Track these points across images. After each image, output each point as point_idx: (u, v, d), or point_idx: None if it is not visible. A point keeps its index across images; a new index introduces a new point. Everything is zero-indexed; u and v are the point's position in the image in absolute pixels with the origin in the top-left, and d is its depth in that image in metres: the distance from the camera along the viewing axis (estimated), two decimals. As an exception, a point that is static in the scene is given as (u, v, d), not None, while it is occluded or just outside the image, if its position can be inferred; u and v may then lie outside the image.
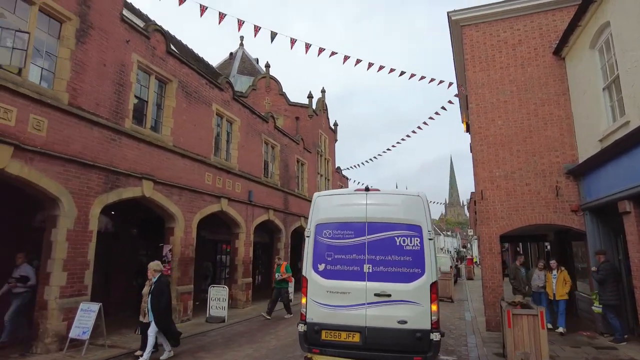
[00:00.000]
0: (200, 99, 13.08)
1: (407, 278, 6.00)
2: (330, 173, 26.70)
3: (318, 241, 6.55)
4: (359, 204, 6.52)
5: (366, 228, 6.32)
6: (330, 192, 7.23)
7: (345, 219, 6.49)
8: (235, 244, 15.03)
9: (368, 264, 6.16)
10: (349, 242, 6.39)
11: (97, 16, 9.31)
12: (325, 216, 6.60)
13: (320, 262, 6.43)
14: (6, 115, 7.23)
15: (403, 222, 6.26)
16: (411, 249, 6.13)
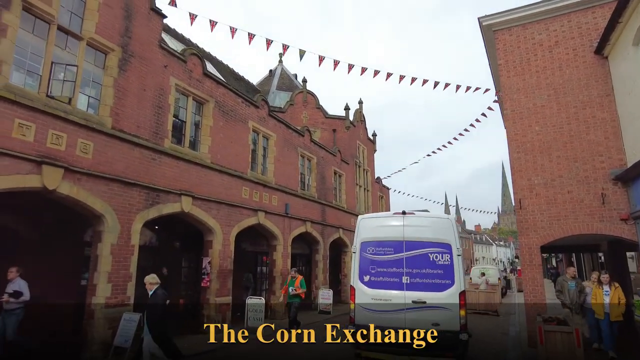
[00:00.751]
0: (237, 116, 13.63)
1: (439, 288, 7.33)
2: (369, 184, 26.57)
3: (363, 257, 8.06)
4: (397, 225, 7.92)
5: (404, 246, 7.70)
6: (372, 215, 9.20)
7: (386, 238, 7.90)
8: (273, 256, 15.36)
9: (406, 276, 7.54)
10: (389, 258, 7.80)
11: (137, 45, 10.06)
12: (368, 235, 8.09)
13: (365, 274, 7.91)
14: (57, 141, 7.99)
15: (435, 241, 7.58)
16: (442, 263, 7.47)
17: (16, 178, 7.25)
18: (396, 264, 7.68)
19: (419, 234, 7.74)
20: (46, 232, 10.15)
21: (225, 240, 12.54)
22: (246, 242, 16.21)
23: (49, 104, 7.92)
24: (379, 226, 8.25)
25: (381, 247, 7.92)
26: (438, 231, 7.73)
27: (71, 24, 8.66)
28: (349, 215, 22.20)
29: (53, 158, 7.80)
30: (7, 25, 7.40)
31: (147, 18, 10.40)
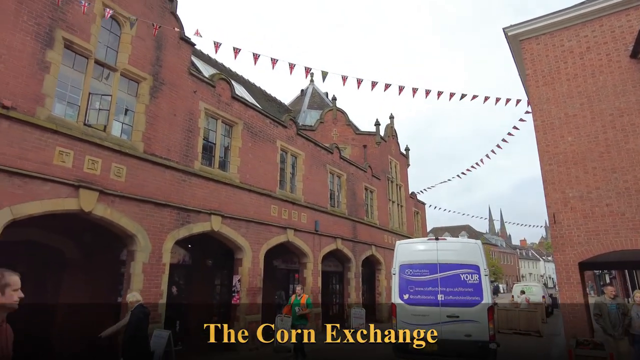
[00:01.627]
0: (265, 137, 14.00)
1: (470, 304, 8.45)
2: (403, 199, 26.18)
3: (402, 277, 9.18)
4: (432, 249, 9.11)
5: (438, 268, 8.85)
6: (409, 241, 10.63)
7: (422, 261, 9.08)
8: (304, 274, 15.40)
9: (441, 294, 8.67)
10: (425, 278, 8.92)
11: (168, 73, 10.65)
12: (406, 259, 9.28)
13: (405, 292, 9.04)
14: (93, 166, 8.55)
15: (465, 263, 8.75)
16: (472, 282, 8.60)
17: (56, 201, 7.81)
18: (432, 284, 8.83)
19: (450, 257, 8.91)
20: (86, 252, 10.76)
21: (254, 258, 12.76)
22: (278, 259, 16.39)
23: (86, 131, 8.53)
24: (415, 250, 9.47)
25: (418, 269, 9.06)
26: (467, 254, 8.92)
27: (107, 57, 9.34)
28: (381, 231, 21.95)
29: (89, 182, 8.34)
30: (51, 63, 8.10)
31: (177, 47, 11.02)
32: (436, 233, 72.07)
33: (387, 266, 21.91)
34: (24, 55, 7.68)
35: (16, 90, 7.50)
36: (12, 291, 2.27)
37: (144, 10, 10.23)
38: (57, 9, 8.29)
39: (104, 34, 9.37)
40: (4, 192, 7.11)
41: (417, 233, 28.01)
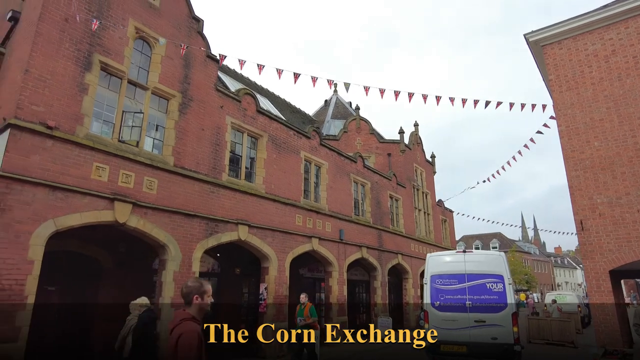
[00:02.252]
0: (289, 148, 14.34)
1: (495, 310, 9.28)
2: (430, 207, 25.95)
3: (433, 287, 10.15)
4: (460, 261, 10.06)
5: (466, 278, 9.76)
6: (438, 253, 11.39)
7: (451, 272, 10.00)
8: (329, 282, 15.54)
9: (469, 301, 9.54)
10: (454, 287, 9.85)
11: (195, 90, 11.17)
12: (436, 270, 10.26)
13: (436, 300, 9.99)
14: (127, 180, 9.07)
15: (490, 273, 9.61)
16: (497, 290, 9.44)
17: (93, 214, 8.34)
18: (460, 292, 9.72)
19: (477, 267, 9.81)
20: (121, 261, 11.31)
21: (280, 266, 13.03)
22: (303, 268, 16.61)
23: (120, 147, 9.07)
24: (444, 262, 10.38)
25: (447, 279, 9.99)
26: (492, 265, 9.77)
27: (139, 76, 9.92)
28: (408, 240, 21.83)
29: (123, 195, 8.85)
30: (89, 85, 8.71)
31: (204, 65, 11.54)
32: (466, 241, 70.52)
33: (414, 275, 21.74)
34: (66, 79, 8.30)
35: (59, 111, 8.11)
36: (207, 297, 3.00)
37: (173, 31, 10.81)
38: (94, 34, 8.92)
39: (136, 55, 9.97)
40: (48, 205, 7.68)
41: (445, 241, 27.64)
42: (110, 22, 9.27)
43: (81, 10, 8.72)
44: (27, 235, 7.35)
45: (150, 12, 10.40)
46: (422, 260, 22.75)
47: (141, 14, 10.14)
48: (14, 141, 7.40)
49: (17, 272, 7.20)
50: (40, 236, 7.50)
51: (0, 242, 7.04)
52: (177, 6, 11.21)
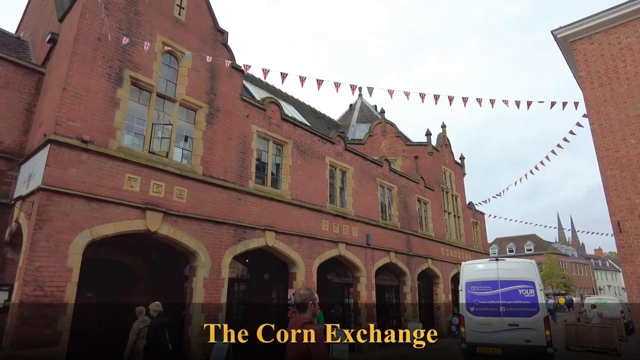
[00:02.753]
0: (314, 154, 14.45)
1: (528, 314, 9.89)
2: (460, 210, 25.42)
3: (468, 293, 10.91)
4: (493, 269, 10.78)
5: (499, 284, 10.44)
6: (473, 262, 12.12)
7: (485, 279, 10.70)
8: (357, 287, 15.48)
9: (502, 306, 10.18)
10: (488, 293, 10.52)
11: (222, 100, 11.46)
12: (471, 277, 11.01)
13: (471, 305, 10.71)
14: (158, 189, 9.40)
15: (522, 280, 10.26)
16: (529, 296, 10.07)
17: (126, 223, 8.69)
18: (494, 298, 10.37)
19: (509, 275, 10.49)
20: (153, 268, 11.69)
21: (307, 272, 13.10)
22: (331, 273, 16.62)
23: (150, 158, 9.43)
24: (478, 270, 11.07)
25: (481, 286, 10.67)
26: (523, 272, 10.43)
27: (167, 89, 10.29)
28: (437, 244, 21.45)
29: (154, 204, 9.18)
30: (120, 99, 9.12)
31: (229, 76, 11.84)
32: (499, 244, 68.50)
33: (445, 279, 21.33)
34: (99, 95, 8.73)
35: (93, 125, 8.53)
36: (317, 303, 3.45)
37: (198, 44, 11.16)
38: (124, 51, 9.34)
39: (164, 68, 10.35)
40: (85, 215, 8.07)
41: (476, 244, 26.99)
42: (139, 38, 9.67)
43: (112, 29, 9.16)
44: (66, 244, 7.75)
45: (177, 26, 10.79)
46: (453, 264, 22.34)
47: (168, 29, 10.54)
48: (53, 156, 7.84)
49: (58, 280, 7.60)
50: (78, 245, 7.89)
51: (43, 251, 7.46)
52: (202, 20, 11.58)
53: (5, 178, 9.30)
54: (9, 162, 9.39)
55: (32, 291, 7.24)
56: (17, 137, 9.63)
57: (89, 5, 8.93)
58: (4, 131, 9.46)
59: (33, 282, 7.27)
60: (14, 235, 8.76)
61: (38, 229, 7.46)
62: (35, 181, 7.97)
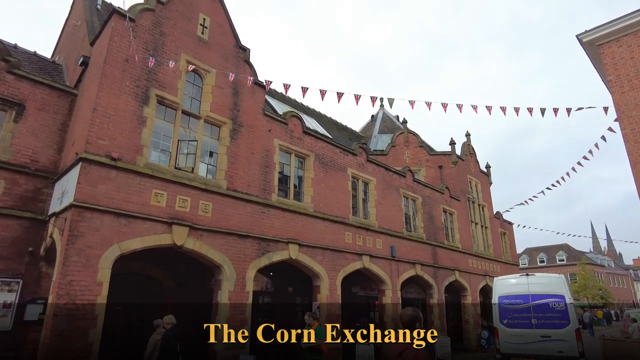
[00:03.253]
0: (336, 166, 14.47)
1: (559, 326, 10.33)
2: (487, 220, 24.82)
3: (501, 306, 11.46)
4: (523, 283, 11.39)
5: (530, 298, 10.98)
6: (504, 277, 12.70)
7: (516, 292, 11.31)
8: (382, 301, 15.26)
9: (534, 318, 10.70)
10: (520, 306, 11.05)
11: (245, 116, 11.68)
12: (503, 291, 11.65)
13: (504, 318, 11.27)
14: (184, 204, 9.61)
15: (552, 294, 10.77)
16: (559, 309, 10.54)
17: (153, 237, 8.91)
18: (526, 311, 10.91)
19: (539, 289, 11.05)
20: (180, 282, 11.90)
21: (331, 285, 13.02)
22: (356, 286, 16.49)
23: (176, 174, 9.67)
24: (510, 284, 11.75)
25: (513, 299, 11.22)
26: (553, 286, 10.99)
27: (191, 106, 10.58)
28: (465, 255, 20.96)
29: (180, 219, 9.38)
30: (147, 117, 9.43)
31: (252, 91, 12.08)
32: (529, 254, 66.32)
33: (473, 292, 20.78)
34: (127, 114, 9.06)
35: (121, 143, 8.84)
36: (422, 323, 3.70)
37: (221, 62, 11.45)
38: (150, 71, 9.69)
39: (188, 86, 10.67)
40: (114, 230, 8.33)
41: (505, 255, 26.23)
42: (165, 58, 10.02)
43: (139, 51, 9.54)
44: (96, 259, 8.01)
45: (200, 45, 11.13)
46: (481, 276, 21.76)
47: (192, 48, 10.88)
48: (84, 173, 8.16)
49: (89, 293, 7.84)
50: (107, 259, 8.13)
51: (75, 266, 7.73)
52: (224, 38, 11.90)
53: (40, 195, 9.73)
54: (44, 180, 9.82)
55: (65, 304, 7.50)
56: (52, 156, 10.07)
57: (117, 29, 9.34)
58: (40, 150, 9.92)
59: (66, 296, 7.53)
60: (49, 250, 9.11)
61: (70, 244, 7.75)
62: (68, 198, 8.30)
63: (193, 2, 11.38)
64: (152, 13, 10.22)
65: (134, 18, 9.65)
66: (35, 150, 9.85)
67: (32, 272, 9.32)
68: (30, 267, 9.31)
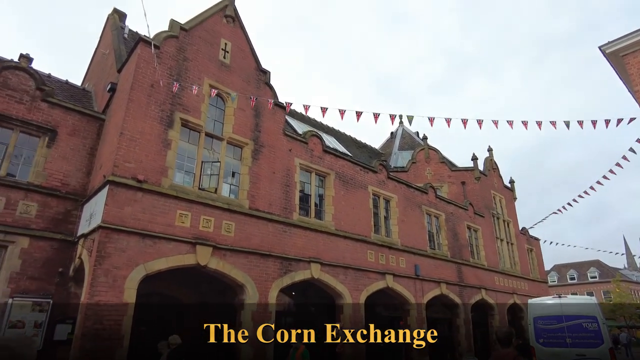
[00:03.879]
0: (356, 184, 14.45)
1: (593, 345, 10.80)
2: (513, 236, 24.17)
3: (536, 326, 12.07)
4: (557, 304, 12.03)
5: (563, 318, 11.58)
6: (538, 299, 13.57)
7: (550, 314, 11.94)
8: (407, 321, 14.93)
9: (568, 338, 11.25)
10: (554, 327, 11.66)
11: (266, 137, 11.87)
12: (537, 313, 12.29)
13: (540, 337, 11.86)
14: (207, 224, 9.75)
15: (584, 314, 11.33)
16: (592, 329, 11.04)
17: (178, 257, 9.03)
18: (560, 331, 11.47)
19: (572, 310, 11.66)
20: (203, 301, 11.95)
21: (355, 305, 12.84)
22: (379, 306, 16.17)
23: (200, 195, 9.85)
24: (544, 306, 12.38)
25: (548, 320, 11.88)
26: (586, 308, 11.63)
27: (214, 128, 10.83)
28: (491, 273, 20.39)
29: (204, 239, 9.51)
30: (172, 140, 9.70)
31: (272, 113, 12.29)
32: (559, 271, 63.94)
33: (500, 311, 20.11)
34: (152, 137, 9.35)
35: (147, 166, 9.10)
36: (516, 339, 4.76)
37: (243, 85, 11.74)
38: (175, 95, 10.01)
39: (211, 109, 10.95)
40: (139, 251, 8.49)
41: (533, 272, 25.39)
42: (188, 82, 10.35)
43: (164, 76, 9.89)
44: (122, 279, 8.16)
45: (222, 69, 11.45)
46: (508, 294, 21.09)
47: (214, 72, 11.21)
48: (111, 195, 8.40)
49: (116, 313, 7.97)
50: (133, 280, 8.28)
51: (102, 286, 7.89)
52: (245, 62, 12.22)
53: (70, 217, 10.04)
54: (74, 202, 10.15)
55: (92, 324, 7.64)
56: (81, 179, 10.43)
57: (143, 56, 9.73)
58: (70, 174, 10.29)
59: (93, 316, 7.67)
60: (77, 270, 9.34)
61: (98, 264, 7.93)
62: (95, 220, 8.53)
63: (215, 28, 11.78)
64: (176, 40, 10.62)
65: (158, 45, 10.04)
66: (65, 174, 10.22)
67: (62, 292, 9.55)
68: (60, 288, 9.54)
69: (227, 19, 12.23)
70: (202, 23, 11.51)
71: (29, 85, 10.20)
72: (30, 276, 9.16)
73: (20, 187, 9.45)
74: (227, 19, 12.23)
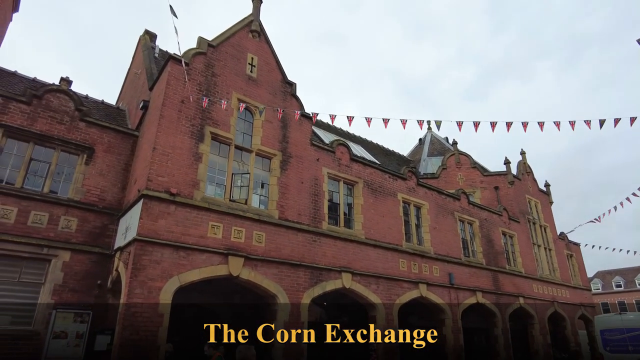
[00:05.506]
0: (385, 191, 14.30)
1: None
2: (550, 241, 23.20)
3: (603, 337, 15.78)
4: (618, 319, 15.74)
5: (625, 330, 14.95)
6: (604, 315, 17.74)
7: (613, 327, 15.47)
8: (442, 331, 14.50)
9: (630, 346, 14.48)
10: (618, 337, 15.06)
11: (294, 147, 11.96)
12: (603, 326, 16.01)
13: (606, 346, 15.47)
14: (238, 235, 9.86)
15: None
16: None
17: (210, 269, 9.17)
18: (623, 340, 14.75)
19: (631, 324, 15.10)
20: (235, 312, 12.06)
21: (388, 315, 12.61)
22: (413, 316, 15.81)
23: (231, 206, 9.99)
24: (608, 321, 16.10)
25: (612, 332, 15.38)
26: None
27: (244, 141, 11.01)
28: (529, 280, 19.60)
29: (235, 249, 9.61)
30: (202, 154, 9.92)
31: (299, 124, 12.39)
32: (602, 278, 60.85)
33: (541, 320, 19.26)
34: (184, 151, 9.59)
35: (179, 179, 9.32)
36: None
37: (270, 98, 11.92)
38: (204, 110, 10.26)
39: (240, 122, 11.15)
40: (173, 263, 8.67)
41: (574, 279, 24.23)
42: (217, 97, 10.60)
43: (193, 92, 10.16)
44: (157, 291, 8.34)
45: (250, 83, 11.67)
46: (548, 302, 20.24)
47: (242, 86, 11.43)
48: (146, 209, 8.65)
49: (151, 325, 8.14)
50: (168, 291, 8.45)
51: (138, 298, 8.09)
52: (272, 75, 12.41)
53: (107, 231, 10.40)
54: (110, 217, 10.51)
55: (129, 335, 7.83)
56: (117, 194, 10.81)
57: (174, 73, 10.05)
58: (106, 189, 10.69)
59: (130, 327, 7.87)
60: (115, 282, 9.63)
61: (134, 276, 8.15)
62: (131, 233, 8.80)
63: (241, 43, 12.05)
64: (204, 56, 10.92)
65: (188, 62, 10.35)
66: (102, 190, 10.62)
67: (101, 304, 9.86)
68: (99, 300, 9.86)
69: (253, 33, 12.48)
70: (229, 39, 11.80)
71: (69, 107, 10.72)
72: (72, 288, 9.52)
73: (61, 203, 9.89)
74: (253, 33, 12.48)
